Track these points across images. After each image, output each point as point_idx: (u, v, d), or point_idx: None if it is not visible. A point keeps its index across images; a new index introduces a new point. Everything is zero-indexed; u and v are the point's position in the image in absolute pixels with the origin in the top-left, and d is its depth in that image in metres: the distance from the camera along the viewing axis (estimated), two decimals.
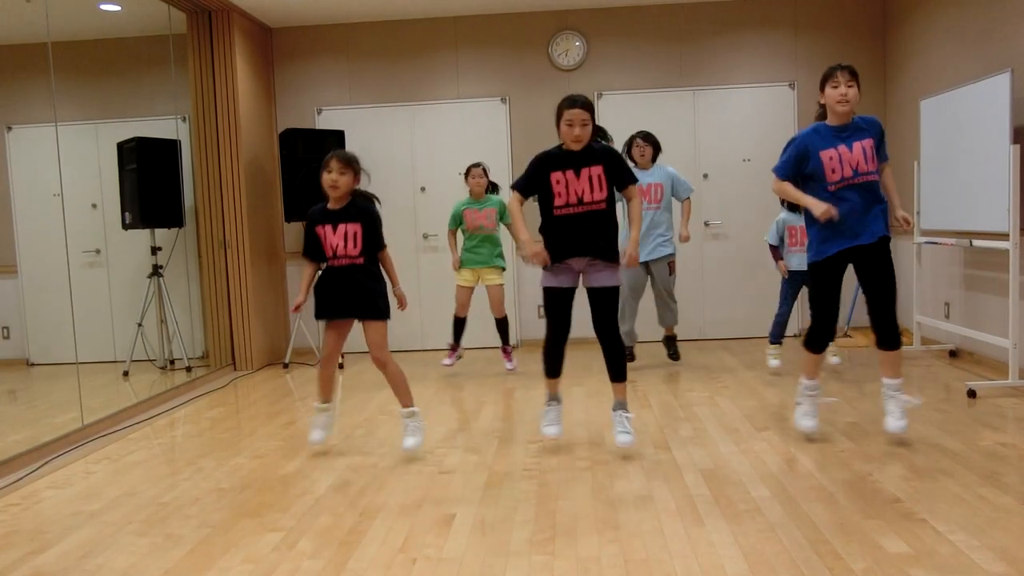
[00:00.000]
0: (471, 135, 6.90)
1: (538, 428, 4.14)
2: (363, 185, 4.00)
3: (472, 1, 6.50)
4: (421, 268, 7.01)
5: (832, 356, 5.37)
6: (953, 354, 5.63)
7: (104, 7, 5.73)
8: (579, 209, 3.54)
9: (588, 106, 3.49)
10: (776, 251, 5.27)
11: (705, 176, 6.79)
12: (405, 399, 3.84)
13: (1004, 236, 4.60)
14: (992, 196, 4.70)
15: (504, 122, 6.89)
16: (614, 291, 3.64)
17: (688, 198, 5.54)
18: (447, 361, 5.81)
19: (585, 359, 6.13)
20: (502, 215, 5.59)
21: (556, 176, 3.53)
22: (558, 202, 3.54)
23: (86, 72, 5.44)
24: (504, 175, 6.87)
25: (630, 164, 5.45)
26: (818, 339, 3.72)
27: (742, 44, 6.75)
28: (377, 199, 3.93)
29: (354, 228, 3.72)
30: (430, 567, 2.59)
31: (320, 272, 3.82)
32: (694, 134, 6.80)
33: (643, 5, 6.75)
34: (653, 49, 6.80)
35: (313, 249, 3.79)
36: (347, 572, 2.58)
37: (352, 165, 3.75)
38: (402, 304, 3.94)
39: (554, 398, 3.88)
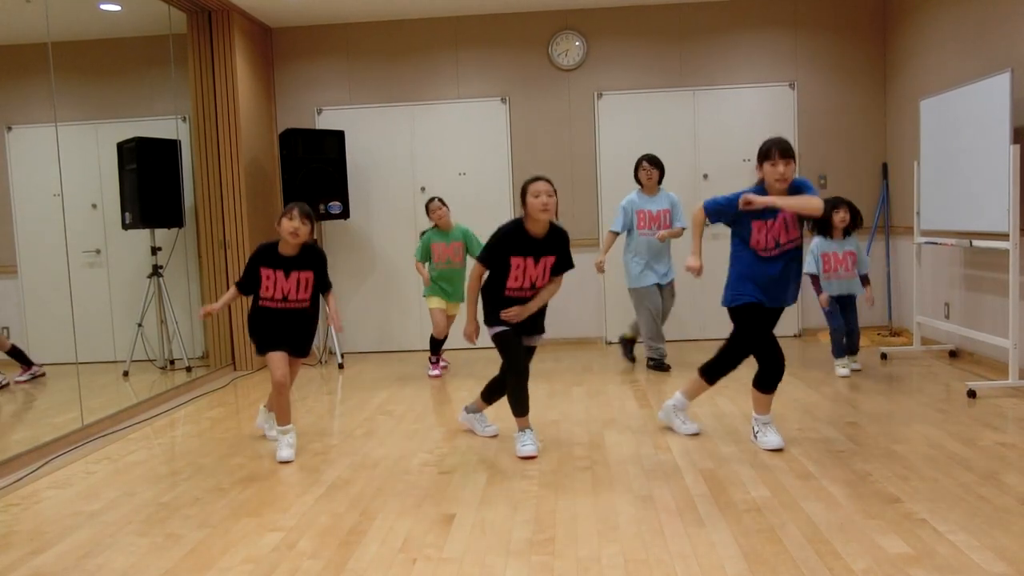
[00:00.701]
0: (471, 135, 6.90)
1: (540, 428, 4.15)
2: (363, 185, 4.01)
3: (472, 1, 6.50)
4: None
5: (842, 368, 5.23)
6: (953, 354, 5.63)
7: (104, 7, 5.73)
8: (530, 294, 3.78)
9: (550, 181, 3.69)
10: (816, 281, 5.20)
11: (705, 176, 6.79)
12: (284, 418, 3.95)
13: (1004, 236, 4.60)
14: (992, 196, 4.70)
15: (504, 122, 6.90)
16: (532, 350, 3.93)
17: (683, 228, 5.54)
18: (435, 372, 5.83)
19: (585, 359, 6.13)
20: (468, 246, 5.64)
21: (516, 261, 3.72)
22: (512, 284, 3.75)
23: (86, 72, 5.44)
24: (504, 176, 6.88)
25: (637, 186, 5.58)
26: (767, 379, 3.73)
27: (742, 44, 6.75)
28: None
29: (307, 275, 3.91)
30: (430, 567, 2.59)
31: (258, 309, 3.95)
32: (694, 134, 6.80)
33: (643, 5, 6.75)
34: (653, 49, 6.80)
35: (249, 285, 3.93)
36: (347, 572, 2.58)
37: (311, 219, 3.87)
38: (337, 326, 4.15)
39: (528, 428, 3.85)
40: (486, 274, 3.82)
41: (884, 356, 5.70)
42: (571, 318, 6.90)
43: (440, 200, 5.67)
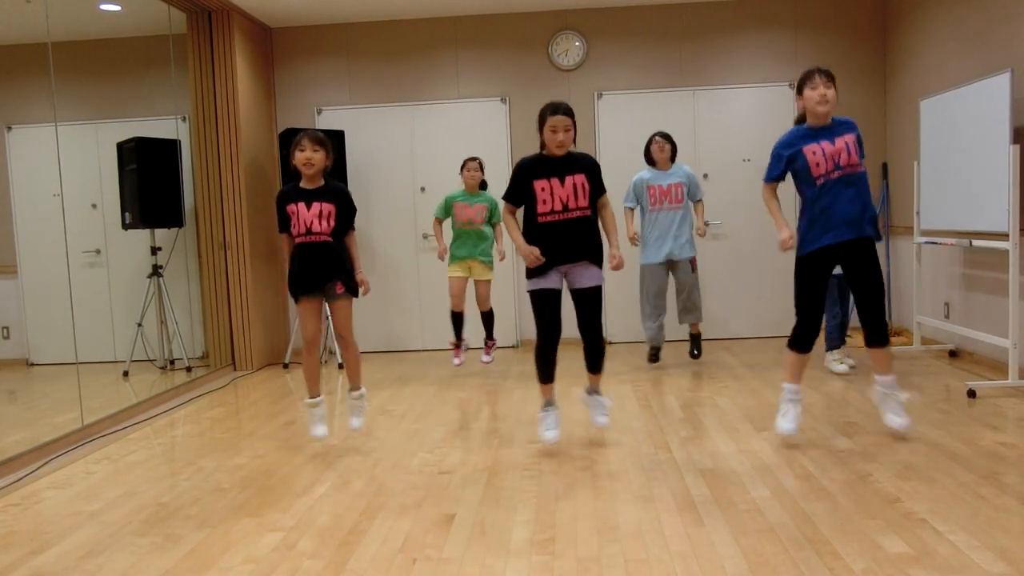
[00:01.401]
0: (471, 135, 6.90)
1: (537, 429, 4.14)
2: (363, 185, 4.00)
3: (472, 1, 6.49)
4: (420, 268, 7.00)
5: (839, 363, 5.23)
6: (953, 354, 5.63)
7: (104, 7, 5.73)
8: (563, 216, 3.61)
9: (571, 112, 3.57)
10: None
11: (705, 176, 6.79)
12: (355, 380, 4.05)
13: (1004, 236, 4.60)
14: (992, 196, 4.70)
15: (504, 122, 6.89)
16: (598, 290, 3.72)
17: (700, 200, 5.61)
18: (457, 360, 5.77)
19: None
20: (492, 213, 5.57)
21: (540, 184, 3.59)
22: (542, 209, 3.60)
23: (86, 72, 5.44)
24: (504, 176, 6.86)
25: (648, 163, 5.55)
26: (803, 338, 3.68)
27: (742, 44, 6.75)
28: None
29: (328, 207, 3.77)
30: (430, 567, 2.59)
31: (291, 252, 3.87)
32: (694, 134, 6.80)
33: (643, 5, 6.75)
34: (653, 49, 6.80)
35: (286, 223, 3.84)
36: (347, 572, 2.58)
37: (324, 143, 3.76)
38: (365, 288, 3.96)
39: (550, 403, 3.89)
40: (519, 213, 3.70)
41: None
42: (571, 318, 6.88)
43: (480, 163, 5.59)
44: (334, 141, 6.50)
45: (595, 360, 3.86)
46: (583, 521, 2.91)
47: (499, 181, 6.81)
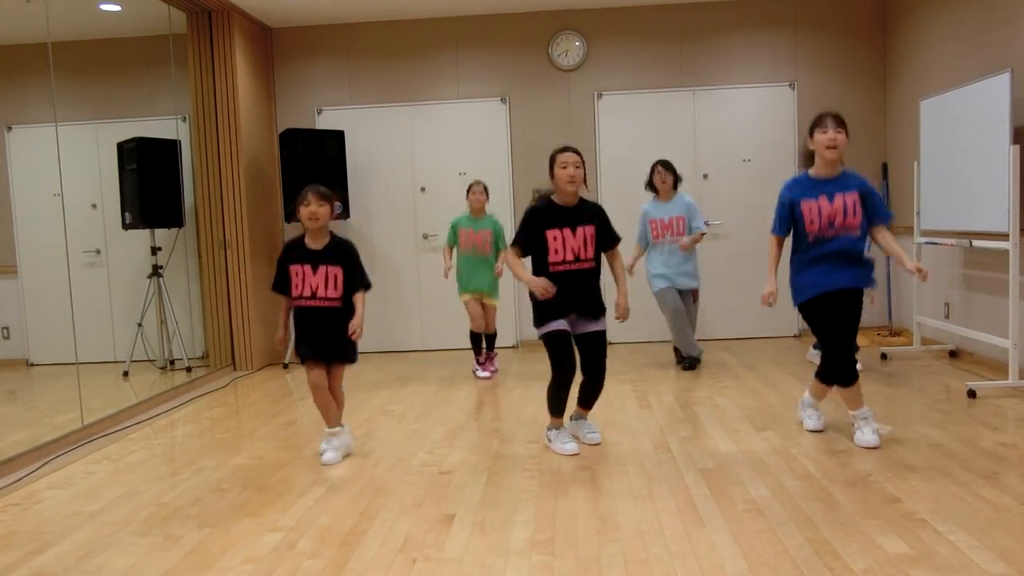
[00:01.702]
0: (471, 135, 6.90)
1: (539, 430, 4.15)
2: (363, 185, 3.96)
3: (472, 1, 6.49)
4: (421, 268, 7.00)
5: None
6: (953, 354, 5.63)
7: (104, 7, 5.73)
8: (574, 266, 3.66)
9: (578, 152, 3.65)
10: None
11: (705, 176, 6.79)
12: (332, 422, 3.83)
13: (1004, 236, 4.60)
14: (992, 196, 4.70)
15: (504, 122, 6.89)
16: (602, 335, 3.78)
17: (701, 232, 5.51)
18: (485, 373, 5.69)
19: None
20: (498, 238, 5.54)
21: (553, 233, 3.63)
22: (554, 258, 3.64)
23: (86, 72, 5.44)
24: (504, 176, 6.88)
25: (651, 193, 5.57)
26: (840, 372, 3.63)
27: (742, 44, 6.75)
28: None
29: (335, 271, 3.71)
30: (430, 567, 2.59)
31: (294, 314, 3.79)
32: (694, 134, 6.80)
33: (643, 5, 6.75)
34: (653, 49, 6.80)
35: (283, 284, 3.78)
36: (347, 572, 2.58)
37: (328, 198, 3.70)
38: (357, 336, 3.78)
39: (560, 428, 3.86)
40: (527, 261, 3.73)
41: (884, 356, 5.70)
42: None
43: (484, 186, 5.58)
44: (334, 141, 6.56)
45: (591, 397, 3.89)
46: (583, 521, 2.91)
47: (500, 181, 6.84)
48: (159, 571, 2.65)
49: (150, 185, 5.73)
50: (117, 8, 5.80)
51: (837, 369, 3.63)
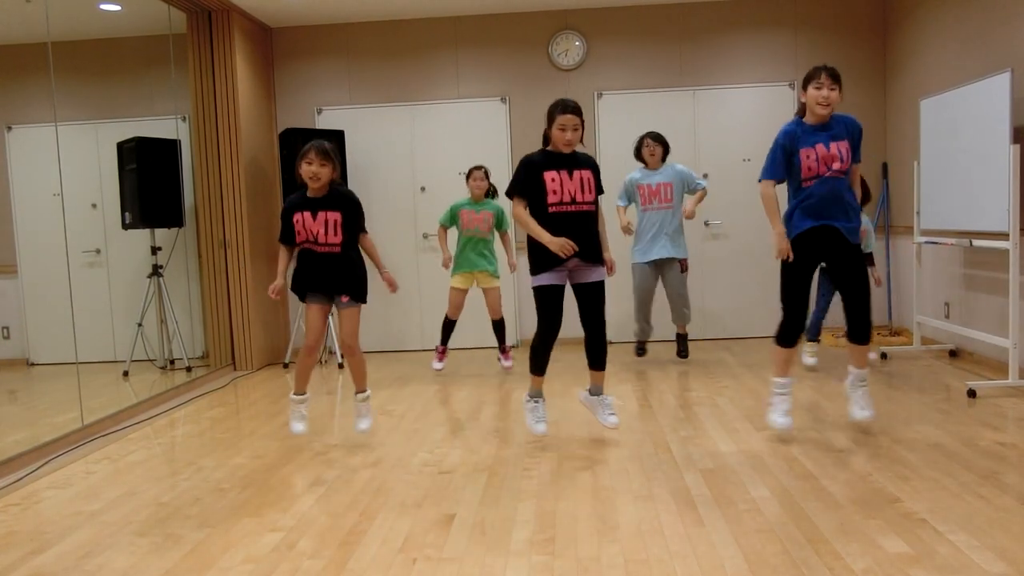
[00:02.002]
0: (471, 135, 6.90)
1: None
2: (363, 185, 4.00)
3: (472, 1, 6.49)
4: (420, 268, 7.00)
5: (809, 357, 5.35)
6: (953, 354, 5.63)
7: (104, 7, 5.73)
8: (572, 208, 3.65)
9: (580, 111, 3.63)
10: None
11: (705, 176, 6.79)
12: (361, 383, 4.06)
13: (1004, 236, 4.60)
14: (992, 196, 4.70)
15: (504, 122, 6.89)
16: (602, 285, 3.79)
17: (701, 188, 5.55)
18: (439, 364, 5.77)
19: (585, 360, 6.13)
20: (499, 222, 5.59)
21: (551, 175, 3.64)
22: (552, 199, 3.64)
23: (86, 72, 5.44)
24: (504, 176, 6.87)
25: (640, 164, 5.60)
26: (789, 333, 3.77)
27: (742, 44, 6.75)
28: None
29: (334, 216, 3.74)
30: (430, 567, 2.59)
31: (297, 255, 3.86)
32: (694, 134, 6.80)
33: (643, 5, 6.75)
34: (653, 49, 6.80)
35: (288, 235, 3.82)
36: (347, 572, 2.58)
37: (331, 156, 3.70)
38: (392, 287, 3.94)
39: (539, 394, 3.93)
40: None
41: (884, 356, 5.70)
42: (571, 318, 6.88)
43: (485, 171, 5.60)
44: (334, 141, 6.54)
45: (599, 355, 3.88)
46: (583, 521, 2.91)
47: (500, 181, 6.80)
48: (159, 571, 2.65)
49: (150, 185, 5.73)
50: (117, 8, 5.80)
51: (795, 328, 3.72)
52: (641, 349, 5.89)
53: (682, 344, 5.86)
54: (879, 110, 6.70)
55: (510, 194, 3.74)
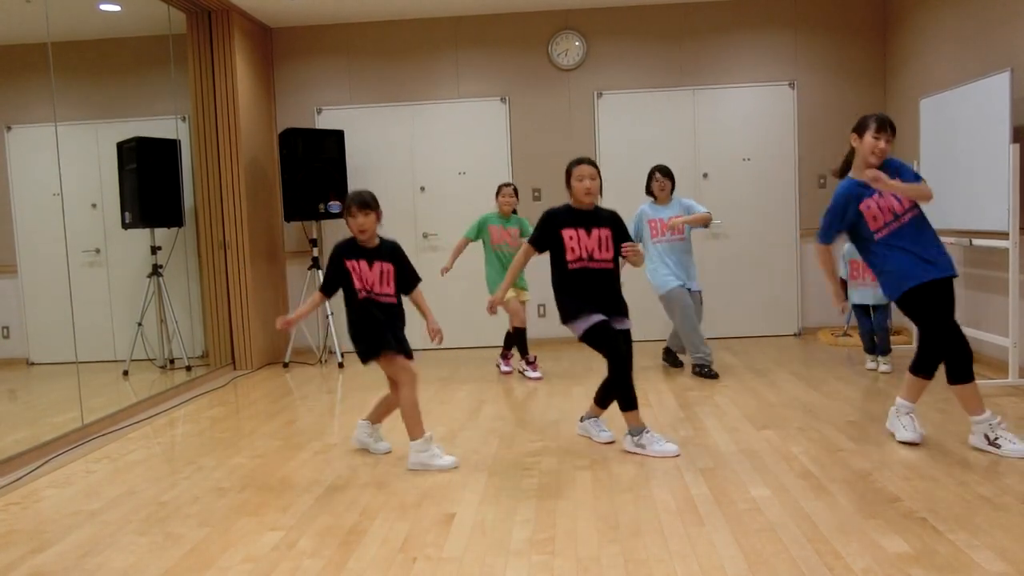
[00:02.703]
0: (471, 135, 6.90)
1: (540, 428, 4.15)
2: (363, 185, 3.98)
3: (472, 1, 6.50)
4: (421, 268, 6.96)
5: (871, 362, 5.31)
6: None
7: (104, 7, 5.73)
8: (591, 264, 3.71)
9: (594, 164, 3.79)
10: (844, 286, 5.19)
11: (705, 176, 6.79)
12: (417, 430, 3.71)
13: (1004, 236, 4.60)
14: (992, 196, 4.70)
15: (504, 122, 6.90)
16: (629, 334, 3.75)
17: (707, 212, 5.40)
18: (506, 368, 5.78)
19: (585, 359, 6.13)
20: (523, 232, 5.59)
21: (569, 232, 3.72)
22: (571, 256, 3.71)
23: (86, 72, 5.44)
24: (504, 176, 6.88)
25: (649, 198, 5.50)
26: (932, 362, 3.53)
27: (742, 44, 6.75)
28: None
29: (388, 267, 3.73)
30: (430, 567, 2.59)
31: (355, 305, 3.70)
32: (694, 134, 6.80)
33: (643, 5, 6.75)
34: (653, 49, 6.80)
35: (333, 283, 3.71)
36: (347, 572, 2.58)
37: (371, 205, 3.65)
38: (435, 337, 3.83)
39: (642, 426, 3.74)
40: (534, 256, 3.86)
41: None
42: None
43: (514, 188, 5.64)
44: (334, 141, 6.56)
45: (610, 397, 3.86)
46: (583, 521, 2.91)
47: (500, 181, 6.81)
48: (159, 570, 2.65)
49: (150, 185, 5.73)
50: (117, 8, 5.80)
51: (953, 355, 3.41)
52: (711, 371, 5.36)
53: (672, 357, 5.76)
54: (879, 110, 6.70)
55: (529, 241, 3.85)
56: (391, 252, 3.77)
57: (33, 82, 4.75)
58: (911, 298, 3.43)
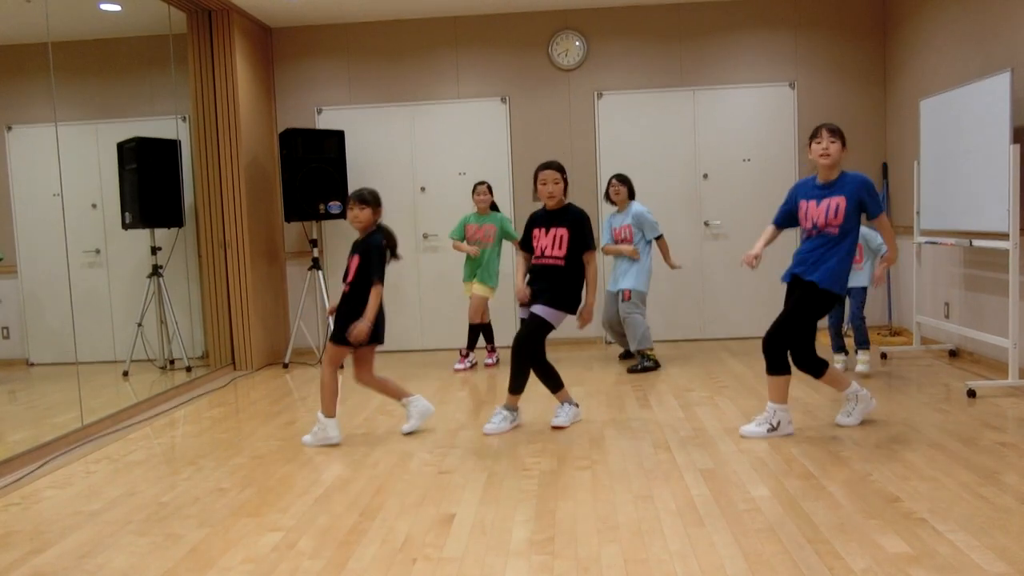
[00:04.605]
0: (471, 135, 6.90)
1: (540, 428, 4.16)
2: (364, 185, 4.10)
3: (472, 1, 6.49)
4: (421, 268, 7.00)
5: (860, 363, 5.14)
6: (953, 354, 5.63)
7: (104, 7, 5.73)
8: (540, 261, 4.16)
9: (559, 168, 4.13)
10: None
11: (705, 176, 6.79)
12: (399, 394, 4.27)
13: (1004, 236, 4.60)
14: (992, 196, 4.70)
15: (504, 122, 6.89)
16: (537, 317, 4.10)
17: (660, 236, 5.73)
18: (459, 365, 6.02)
19: (585, 359, 6.14)
20: (505, 233, 5.89)
21: (535, 232, 4.20)
22: (536, 253, 4.20)
23: (86, 72, 5.44)
24: (504, 176, 6.88)
25: (608, 204, 5.89)
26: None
27: (742, 44, 6.75)
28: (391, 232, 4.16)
29: (355, 261, 4.04)
30: (430, 567, 2.59)
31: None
32: (694, 134, 6.80)
33: (643, 5, 6.75)
34: (653, 49, 6.80)
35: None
36: (347, 572, 2.58)
37: (366, 201, 4.03)
38: (351, 336, 3.93)
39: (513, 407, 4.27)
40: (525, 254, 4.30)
41: (884, 356, 5.70)
42: (570, 318, 6.88)
43: (488, 186, 5.90)
44: (334, 141, 6.56)
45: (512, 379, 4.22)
46: (583, 521, 2.91)
47: (500, 181, 6.84)
48: (159, 571, 2.65)
49: (150, 185, 5.73)
50: (117, 8, 5.80)
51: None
52: (653, 363, 5.68)
53: (631, 360, 5.97)
54: (879, 110, 6.70)
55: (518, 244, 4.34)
56: (363, 244, 4.06)
57: (33, 82, 4.75)
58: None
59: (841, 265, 3.75)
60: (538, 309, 4.09)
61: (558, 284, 4.10)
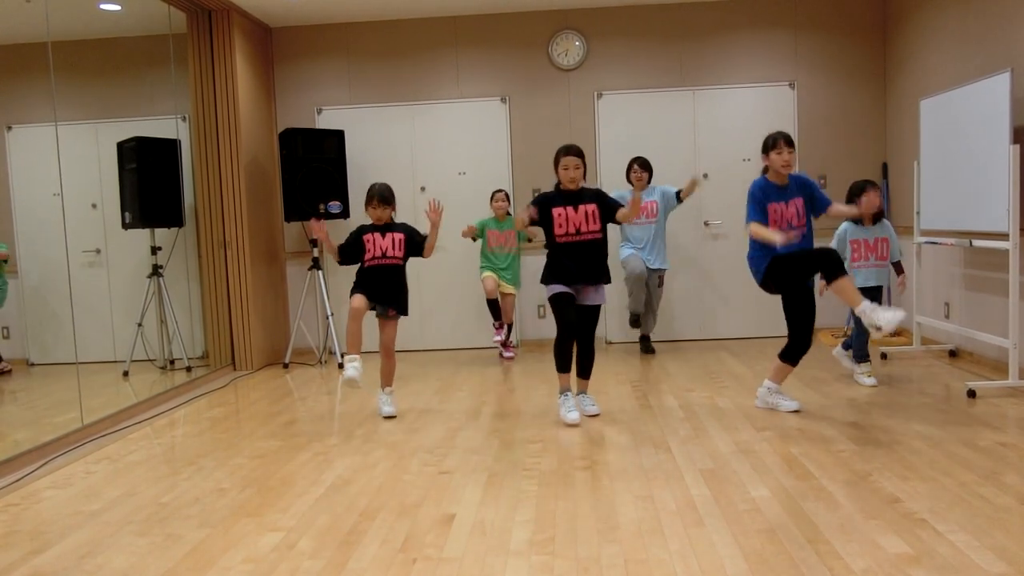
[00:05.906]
0: (471, 135, 6.90)
1: (540, 428, 4.16)
2: (363, 185, 4.20)
3: (472, 1, 6.49)
4: (421, 268, 6.99)
5: (865, 377, 4.91)
6: (953, 354, 5.63)
7: (104, 7, 5.73)
8: (576, 238, 4.24)
9: (580, 153, 4.30)
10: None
11: (705, 176, 6.79)
12: (389, 381, 4.77)
13: (1004, 236, 4.60)
14: (992, 196, 4.70)
15: (504, 122, 6.89)
16: (598, 309, 4.39)
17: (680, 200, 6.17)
18: (498, 337, 6.30)
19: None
20: (520, 234, 6.23)
21: (557, 211, 4.26)
22: (559, 231, 4.26)
23: (86, 72, 5.44)
24: (504, 176, 6.88)
25: (629, 186, 6.13)
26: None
27: (742, 44, 6.75)
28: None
29: (399, 236, 4.58)
30: (430, 567, 2.59)
31: (361, 270, 4.58)
32: (694, 134, 6.80)
33: (643, 5, 6.75)
34: (653, 49, 6.80)
35: (350, 252, 4.57)
36: (347, 572, 2.58)
37: (388, 200, 4.56)
38: (429, 249, 4.69)
39: (567, 390, 4.40)
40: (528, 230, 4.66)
41: (884, 356, 5.70)
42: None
43: (506, 194, 6.28)
44: (334, 140, 6.56)
45: (586, 366, 4.46)
46: (583, 521, 2.91)
47: (500, 181, 6.83)
48: (159, 571, 2.65)
49: (150, 185, 5.73)
50: (117, 8, 5.80)
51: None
52: (636, 321, 6.09)
53: (646, 344, 6.36)
54: (879, 110, 6.70)
55: (531, 203, 4.35)
56: (403, 227, 4.72)
57: (33, 82, 4.75)
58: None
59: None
60: (600, 296, 4.33)
61: (602, 260, 4.30)
